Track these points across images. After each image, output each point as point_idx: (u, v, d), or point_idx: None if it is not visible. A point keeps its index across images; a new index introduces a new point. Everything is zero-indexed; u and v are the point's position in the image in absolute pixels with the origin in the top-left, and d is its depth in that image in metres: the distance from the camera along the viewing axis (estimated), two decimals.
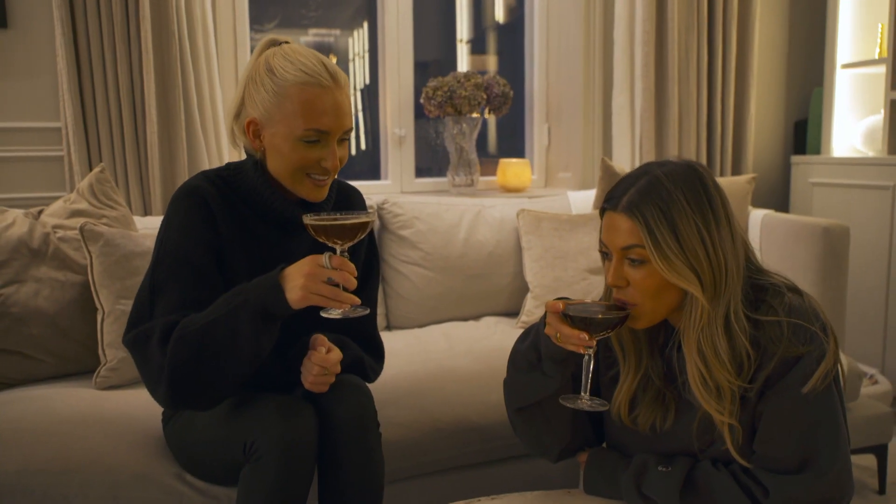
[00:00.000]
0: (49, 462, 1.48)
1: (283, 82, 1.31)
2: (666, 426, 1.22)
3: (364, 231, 1.26)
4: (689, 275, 1.10)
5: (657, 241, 1.10)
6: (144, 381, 1.34)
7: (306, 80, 1.31)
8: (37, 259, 1.90)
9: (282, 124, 1.33)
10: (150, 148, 2.37)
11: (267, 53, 1.37)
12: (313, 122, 1.31)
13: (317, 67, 1.32)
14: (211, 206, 1.38)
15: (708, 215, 1.12)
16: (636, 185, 1.13)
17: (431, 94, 2.89)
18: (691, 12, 2.93)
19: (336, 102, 1.33)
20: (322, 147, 1.34)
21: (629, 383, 1.24)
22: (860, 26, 3.15)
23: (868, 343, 2.92)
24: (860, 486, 2.30)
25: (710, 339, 1.12)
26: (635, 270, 1.13)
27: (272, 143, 1.36)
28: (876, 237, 2.88)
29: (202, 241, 1.37)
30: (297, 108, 1.31)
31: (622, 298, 1.15)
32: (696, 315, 1.12)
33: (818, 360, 1.11)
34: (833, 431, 1.13)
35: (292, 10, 3.13)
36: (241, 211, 1.42)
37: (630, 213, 1.12)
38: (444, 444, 1.77)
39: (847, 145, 3.20)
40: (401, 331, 2.38)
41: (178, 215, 1.38)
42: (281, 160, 1.36)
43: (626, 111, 3.02)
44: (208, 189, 1.39)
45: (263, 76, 1.34)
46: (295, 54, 1.34)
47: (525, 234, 2.47)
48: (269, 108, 1.33)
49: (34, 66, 2.38)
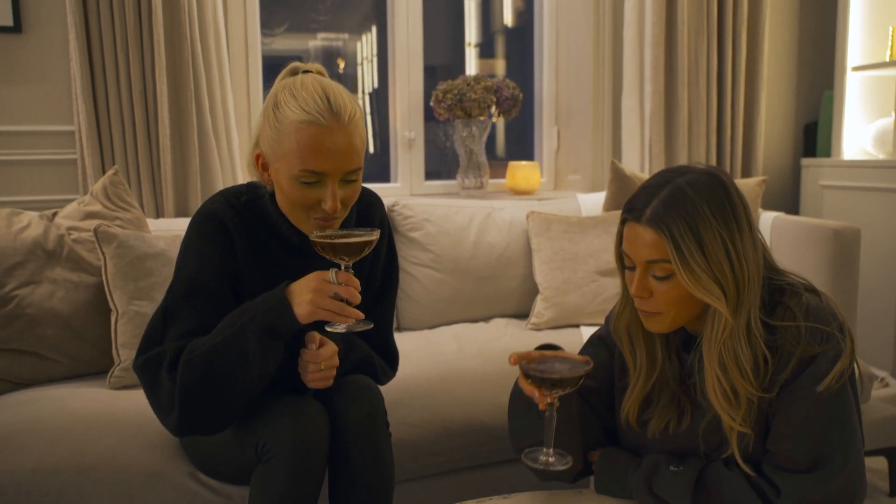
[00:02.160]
0: (64, 462, 1.49)
1: (283, 119, 1.27)
2: (681, 429, 1.22)
3: (370, 247, 1.25)
4: (714, 289, 1.09)
5: (684, 257, 1.08)
6: (154, 408, 1.34)
7: (303, 119, 1.25)
8: (52, 260, 1.92)
9: (282, 162, 1.29)
10: (163, 151, 2.39)
11: (280, 85, 1.33)
12: (308, 163, 1.26)
13: (317, 105, 1.26)
14: (230, 229, 1.37)
15: (732, 226, 1.10)
16: (660, 196, 1.11)
17: (441, 97, 2.91)
18: (701, 15, 2.93)
19: (337, 143, 1.26)
20: (321, 187, 1.29)
21: (640, 387, 1.24)
22: (870, 29, 3.14)
23: (879, 346, 2.91)
24: (871, 489, 2.29)
25: (732, 350, 1.11)
26: (660, 283, 1.13)
27: (276, 179, 1.33)
28: (887, 239, 2.87)
29: (219, 267, 1.36)
30: (294, 148, 1.26)
31: (646, 309, 1.15)
32: (718, 328, 1.12)
33: (834, 359, 1.11)
34: (847, 432, 1.12)
35: (302, 14, 3.15)
36: (258, 234, 1.40)
37: (656, 226, 1.10)
38: (455, 445, 1.78)
39: (857, 148, 3.19)
40: (411, 332, 2.39)
41: (196, 240, 1.37)
42: (283, 197, 1.34)
43: (636, 114, 3.02)
44: (227, 212, 1.38)
45: (270, 111, 1.30)
46: (301, 89, 1.28)
47: (535, 237, 2.47)
48: (272, 143, 1.30)
49: (48, 71, 2.41)
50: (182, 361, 1.26)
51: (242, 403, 1.31)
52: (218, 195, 1.42)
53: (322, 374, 1.36)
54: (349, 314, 1.23)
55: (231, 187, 1.46)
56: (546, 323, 2.35)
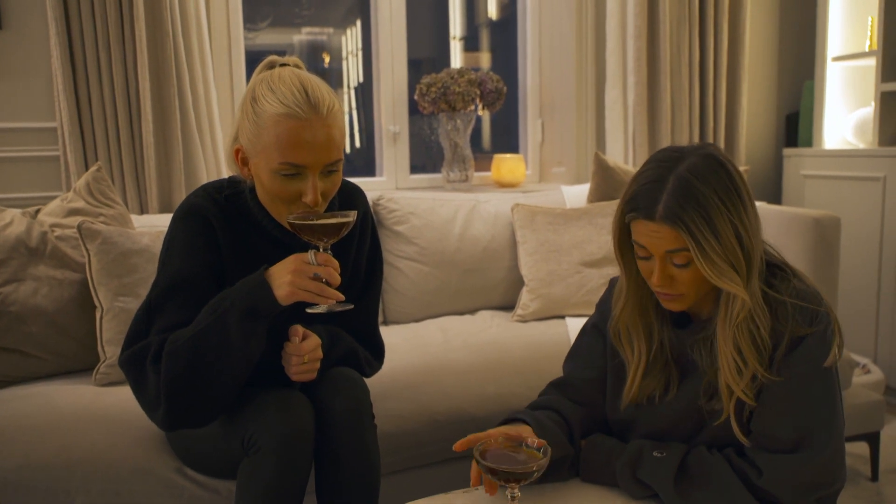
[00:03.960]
0: (51, 458, 1.50)
1: (262, 112, 1.27)
2: (668, 398, 1.25)
3: (346, 229, 1.26)
4: (731, 274, 1.12)
5: (702, 248, 1.10)
6: (141, 404, 1.33)
7: (282, 112, 1.25)
8: (35, 258, 1.92)
9: (261, 155, 1.28)
10: (146, 147, 2.38)
11: (257, 79, 1.33)
12: (288, 155, 1.25)
13: (295, 98, 1.25)
14: (213, 224, 1.37)
15: (738, 206, 1.13)
16: (667, 191, 1.12)
17: (425, 91, 2.91)
18: (682, 6, 2.95)
19: (316, 135, 1.26)
20: (301, 180, 1.28)
21: (641, 371, 1.26)
22: (850, 19, 3.17)
23: (860, 333, 2.95)
24: (854, 474, 2.32)
25: (747, 328, 1.14)
26: (680, 270, 1.15)
27: (256, 173, 1.33)
28: (867, 228, 2.91)
29: (203, 261, 1.36)
30: (273, 141, 1.25)
31: (668, 292, 1.18)
32: (734, 311, 1.14)
33: (822, 340, 1.14)
34: (829, 414, 1.14)
35: (285, 8, 3.14)
36: (241, 228, 1.40)
37: (672, 223, 1.11)
38: (441, 436, 1.79)
39: (838, 137, 3.23)
40: (397, 325, 2.40)
41: (180, 235, 1.37)
42: (264, 191, 1.34)
43: (619, 105, 3.04)
44: (209, 207, 1.38)
45: (248, 105, 1.30)
46: (279, 82, 1.28)
47: (519, 229, 2.48)
48: (251, 137, 1.29)
49: (29, 67, 2.39)
50: (166, 352, 1.26)
51: (229, 393, 1.31)
52: (200, 190, 1.42)
53: (306, 366, 1.37)
54: (329, 294, 1.23)
55: (212, 182, 1.45)
56: (532, 314, 2.37)
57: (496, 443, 1.16)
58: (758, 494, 1.13)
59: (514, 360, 2.00)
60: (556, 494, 1.27)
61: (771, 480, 1.13)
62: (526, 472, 1.09)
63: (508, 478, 1.10)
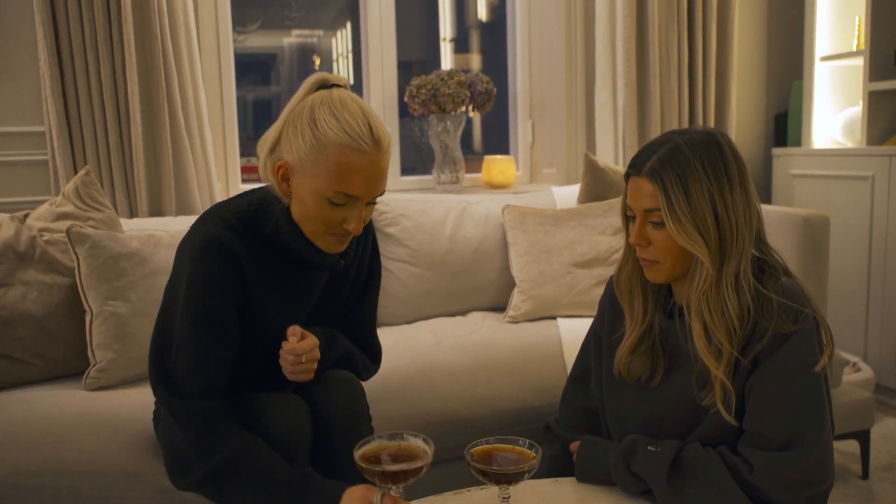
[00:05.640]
0: (40, 463, 1.49)
1: (323, 138, 1.25)
2: (654, 383, 1.28)
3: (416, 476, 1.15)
4: (697, 239, 1.17)
5: (672, 206, 1.17)
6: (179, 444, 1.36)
7: (347, 143, 1.25)
8: (24, 262, 1.91)
9: (313, 179, 1.27)
10: (135, 150, 2.37)
11: (314, 98, 1.30)
12: (344, 186, 1.26)
13: (361, 130, 1.26)
14: (239, 258, 1.33)
15: (723, 181, 1.18)
16: (658, 153, 1.20)
17: (415, 93, 2.91)
18: (671, 7, 2.96)
19: (373, 168, 1.27)
20: (348, 209, 1.30)
21: (634, 336, 1.30)
22: (838, 19, 3.19)
23: (850, 331, 2.96)
24: (845, 472, 2.34)
25: (717, 300, 1.17)
26: (657, 232, 1.21)
27: (299, 193, 1.31)
28: (856, 227, 2.92)
29: (228, 296, 1.33)
30: (332, 169, 1.25)
31: (644, 256, 1.24)
32: (700, 278, 1.19)
33: (807, 339, 1.16)
34: (819, 414, 1.16)
35: (275, 11, 3.14)
36: (263, 254, 1.37)
37: (652, 178, 1.19)
38: (433, 437, 1.75)
39: (827, 137, 3.24)
40: (389, 327, 2.39)
41: (203, 270, 1.32)
42: (305, 212, 1.32)
43: (609, 106, 3.04)
44: (232, 239, 1.33)
45: (305, 124, 1.28)
46: (343, 110, 1.27)
47: (510, 230, 2.49)
48: (303, 158, 1.27)
49: (17, 70, 2.38)
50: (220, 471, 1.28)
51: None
52: (215, 218, 1.36)
53: (303, 366, 1.37)
54: None
55: (224, 205, 1.40)
56: (523, 315, 2.37)
57: (487, 443, 1.16)
58: (749, 491, 1.14)
59: (505, 361, 2.00)
60: (550, 493, 1.28)
61: (761, 477, 1.14)
62: (517, 473, 1.09)
63: (500, 479, 1.10)
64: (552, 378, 1.94)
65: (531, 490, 1.28)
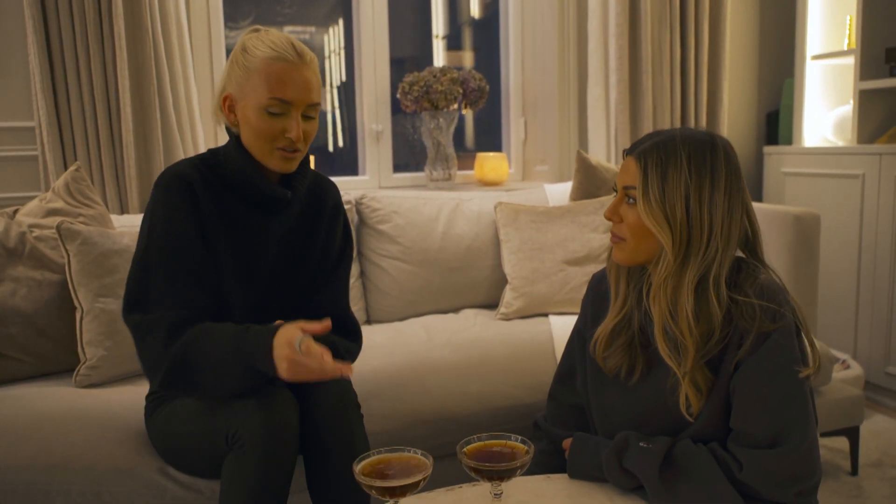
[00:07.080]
0: (31, 459, 1.48)
1: (253, 58, 1.42)
2: (633, 381, 1.28)
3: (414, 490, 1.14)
4: (663, 224, 1.18)
5: (646, 185, 1.19)
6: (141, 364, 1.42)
7: (273, 55, 1.41)
8: (13, 258, 1.89)
9: (251, 96, 1.42)
10: (126, 146, 2.36)
11: (245, 36, 1.48)
12: (277, 92, 1.41)
13: (284, 45, 1.42)
14: (195, 189, 1.45)
15: (704, 178, 1.18)
16: (655, 139, 1.23)
17: (408, 90, 2.91)
18: (664, 5, 2.96)
19: (301, 76, 1.42)
20: (286, 118, 1.43)
21: (610, 319, 1.31)
22: (829, 18, 3.20)
23: (840, 329, 2.98)
24: (834, 468, 2.35)
25: (672, 295, 1.18)
26: (630, 210, 1.23)
27: (244, 116, 1.45)
28: (847, 225, 2.94)
29: (189, 224, 1.44)
30: (263, 81, 1.41)
31: (614, 232, 1.26)
32: (662, 266, 1.20)
33: (787, 336, 1.16)
34: (803, 409, 1.16)
35: (267, 7, 3.12)
36: (222, 194, 1.49)
37: (637, 158, 1.22)
38: (426, 434, 1.79)
39: (818, 135, 3.26)
40: (381, 324, 2.39)
41: (164, 201, 1.45)
42: (251, 131, 1.45)
43: (601, 104, 3.05)
44: (192, 174, 1.47)
45: (238, 55, 1.45)
46: (267, 36, 1.45)
47: (503, 227, 2.49)
48: (241, 82, 1.43)
49: (6, 66, 2.37)
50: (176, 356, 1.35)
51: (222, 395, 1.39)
52: (182, 160, 1.53)
53: None
54: (329, 373, 1.28)
55: (190, 156, 1.57)
56: (515, 312, 2.37)
57: (479, 440, 1.16)
58: (740, 488, 1.15)
59: (497, 358, 2.00)
60: (542, 490, 1.28)
61: (751, 474, 1.14)
62: (509, 470, 1.09)
63: (492, 475, 1.10)
64: (544, 375, 1.93)
65: (523, 486, 1.28)
